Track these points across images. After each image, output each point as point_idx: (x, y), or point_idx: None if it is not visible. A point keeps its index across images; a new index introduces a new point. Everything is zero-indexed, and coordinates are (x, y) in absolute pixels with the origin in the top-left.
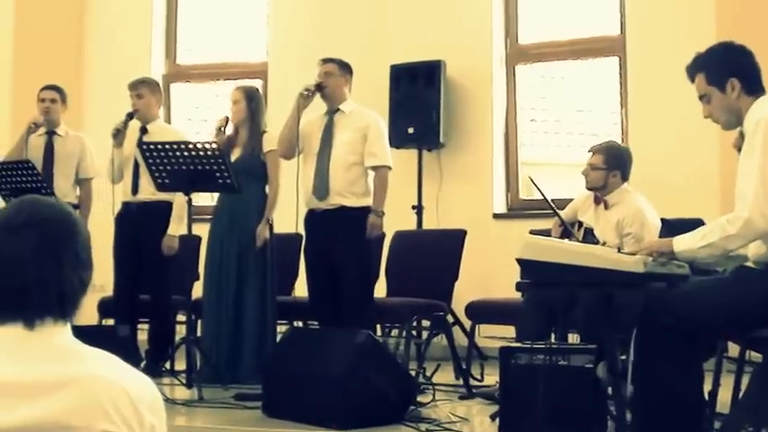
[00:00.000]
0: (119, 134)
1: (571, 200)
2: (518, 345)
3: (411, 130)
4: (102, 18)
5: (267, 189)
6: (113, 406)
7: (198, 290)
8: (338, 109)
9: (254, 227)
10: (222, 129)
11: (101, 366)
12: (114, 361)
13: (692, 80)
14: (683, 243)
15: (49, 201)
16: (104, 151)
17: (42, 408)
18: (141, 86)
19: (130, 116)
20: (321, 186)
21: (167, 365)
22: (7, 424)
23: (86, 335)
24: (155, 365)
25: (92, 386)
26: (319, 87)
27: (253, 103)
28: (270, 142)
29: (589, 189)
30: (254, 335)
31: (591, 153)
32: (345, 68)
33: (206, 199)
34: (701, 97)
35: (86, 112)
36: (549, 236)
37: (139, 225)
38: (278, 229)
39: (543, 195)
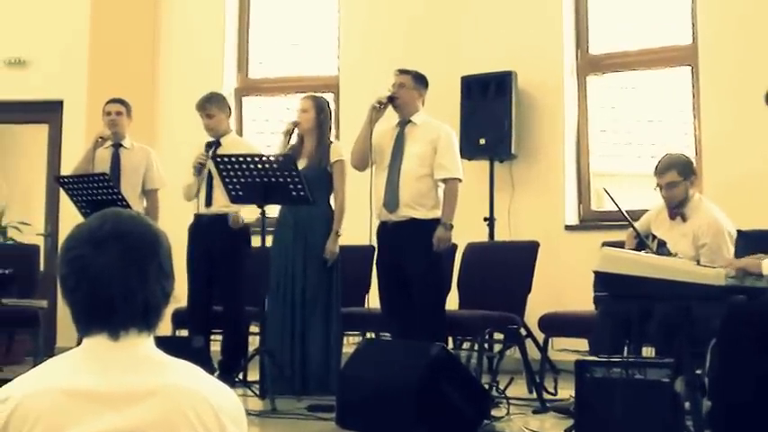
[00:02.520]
0: (202, 169)
1: (643, 211)
2: (594, 358)
3: (482, 142)
4: (175, 32)
5: (332, 200)
6: (196, 416)
7: None
8: (409, 120)
9: (319, 239)
10: (290, 133)
11: (184, 377)
12: (196, 371)
13: None
14: None
15: (131, 213)
16: (177, 165)
17: (127, 417)
18: (209, 106)
19: (209, 146)
20: (391, 198)
21: (240, 376)
22: None
23: (162, 346)
24: (228, 376)
25: (175, 396)
26: (391, 99)
27: (322, 113)
28: (336, 153)
29: (673, 207)
30: (319, 347)
31: (661, 173)
32: (420, 81)
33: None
34: None
35: (160, 126)
36: (623, 248)
37: (212, 237)
38: (351, 241)
39: (618, 207)
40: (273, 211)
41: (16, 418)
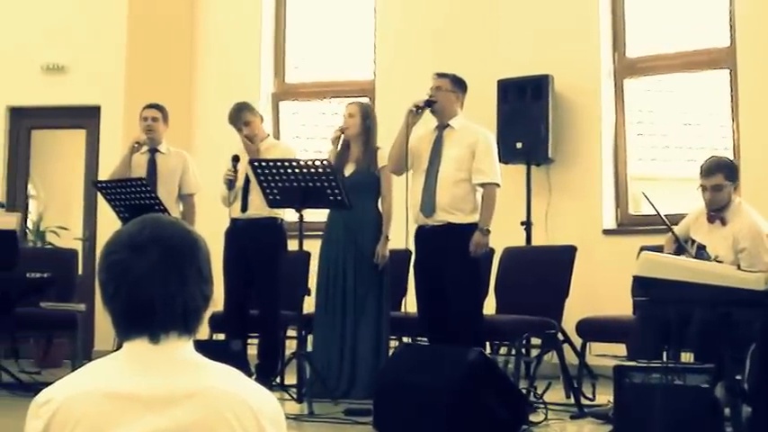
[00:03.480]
0: (232, 184)
1: (681, 215)
2: (633, 363)
3: (519, 145)
4: (211, 38)
5: (379, 205)
6: (236, 419)
7: (308, 305)
8: (448, 125)
9: (369, 243)
10: (338, 140)
11: (224, 380)
12: (236, 375)
13: None
14: None
15: (169, 218)
16: (214, 171)
17: (167, 420)
18: (243, 115)
19: (236, 159)
20: (428, 203)
21: (277, 380)
22: None
23: (200, 349)
24: (265, 379)
25: (215, 399)
26: (428, 103)
27: (368, 119)
28: (384, 158)
29: (715, 211)
30: (369, 351)
31: (708, 175)
32: (458, 84)
33: (313, 215)
34: None
35: (196, 131)
36: (662, 252)
37: (249, 241)
38: (388, 245)
39: (657, 211)
40: (313, 215)
41: (57, 420)
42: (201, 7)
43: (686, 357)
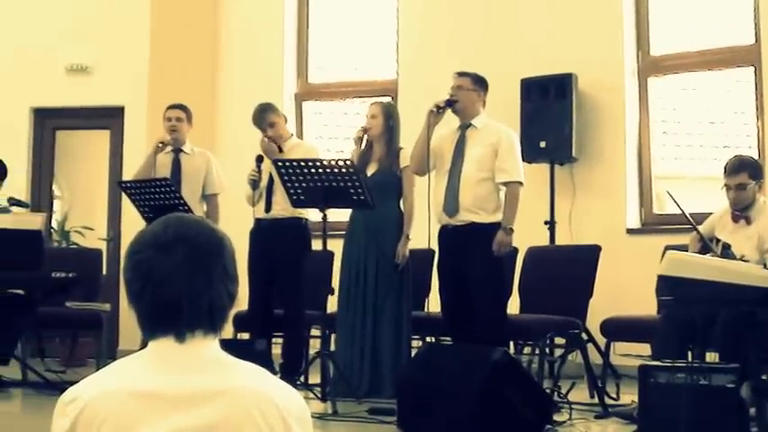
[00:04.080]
0: (256, 184)
1: (706, 214)
2: (658, 363)
3: (543, 145)
4: (234, 38)
5: (402, 205)
6: (262, 417)
7: (332, 304)
8: (470, 124)
9: (390, 243)
10: (360, 140)
11: (250, 378)
12: (263, 373)
13: None
14: None
15: (194, 217)
16: (239, 170)
17: (193, 418)
18: (267, 116)
19: (260, 159)
20: (451, 203)
21: (301, 379)
22: None
23: (225, 348)
24: (289, 379)
25: (241, 398)
26: (449, 103)
27: (391, 119)
28: (406, 158)
29: (739, 210)
30: (391, 351)
31: (732, 174)
32: (479, 83)
33: (336, 215)
34: None
35: (220, 131)
36: (686, 252)
37: (273, 241)
38: (411, 245)
39: (682, 210)
40: (337, 215)
41: (84, 418)
42: (225, 8)
43: (711, 357)
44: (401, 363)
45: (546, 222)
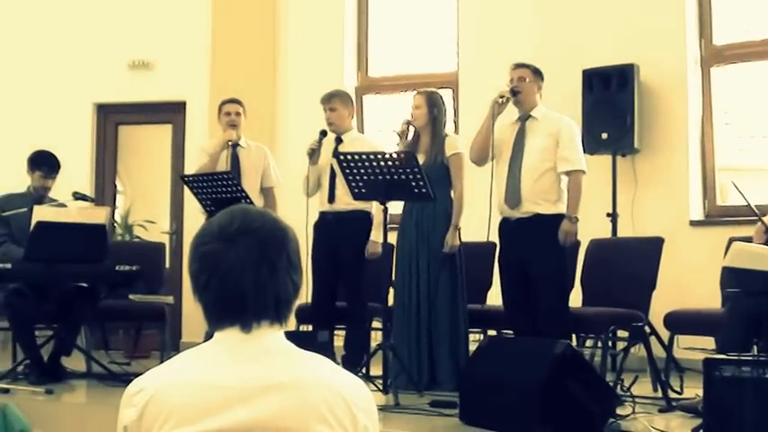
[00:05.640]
0: (314, 154)
1: None
2: (722, 356)
3: (605, 136)
4: (294, 33)
5: (452, 194)
6: (329, 408)
7: (393, 297)
8: (530, 115)
9: (440, 234)
10: (404, 134)
11: (316, 369)
12: (328, 364)
13: None
14: None
15: (258, 209)
16: (296, 164)
17: (260, 409)
18: (334, 100)
19: (324, 134)
20: (513, 194)
21: (363, 371)
22: (226, 425)
23: (288, 339)
24: (351, 371)
25: (308, 388)
26: (514, 93)
27: (435, 108)
28: (452, 146)
29: None
30: (446, 343)
31: None
32: (538, 74)
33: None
34: None
35: (280, 126)
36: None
37: (336, 234)
38: (471, 238)
39: (747, 201)
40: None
41: (151, 409)
42: (285, 2)
43: None
44: (458, 356)
45: (608, 214)
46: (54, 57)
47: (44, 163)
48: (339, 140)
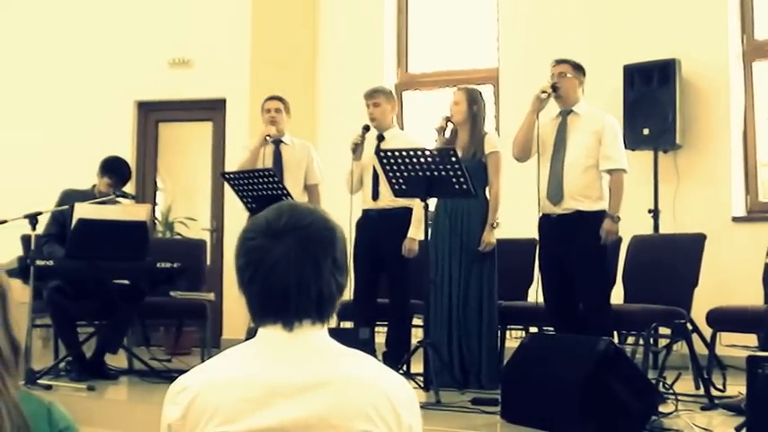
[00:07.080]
0: (357, 148)
1: None
2: (766, 354)
3: (646, 132)
4: (334, 30)
5: (487, 192)
6: (373, 406)
7: None
8: (571, 110)
9: (475, 231)
10: (443, 130)
11: (359, 367)
12: (371, 361)
13: None
14: None
15: (308, 206)
16: (339, 161)
17: (303, 407)
18: (377, 95)
19: (367, 129)
20: (556, 190)
21: (404, 368)
22: (270, 423)
23: (330, 336)
24: (392, 368)
25: (351, 386)
26: (554, 88)
27: (475, 105)
28: (491, 144)
29: None
30: (477, 341)
31: None
32: (578, 69)
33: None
34: None
35: (320, 123)
36: None
37: (380, 231)
38: (512, 234)
39: None
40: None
41: (195, 408)
42: (324, 0)
43: None
44: (491, 353)
45: (650, 211)
46: (96, 55)
47: (115, 173)
48: (381, 138)
